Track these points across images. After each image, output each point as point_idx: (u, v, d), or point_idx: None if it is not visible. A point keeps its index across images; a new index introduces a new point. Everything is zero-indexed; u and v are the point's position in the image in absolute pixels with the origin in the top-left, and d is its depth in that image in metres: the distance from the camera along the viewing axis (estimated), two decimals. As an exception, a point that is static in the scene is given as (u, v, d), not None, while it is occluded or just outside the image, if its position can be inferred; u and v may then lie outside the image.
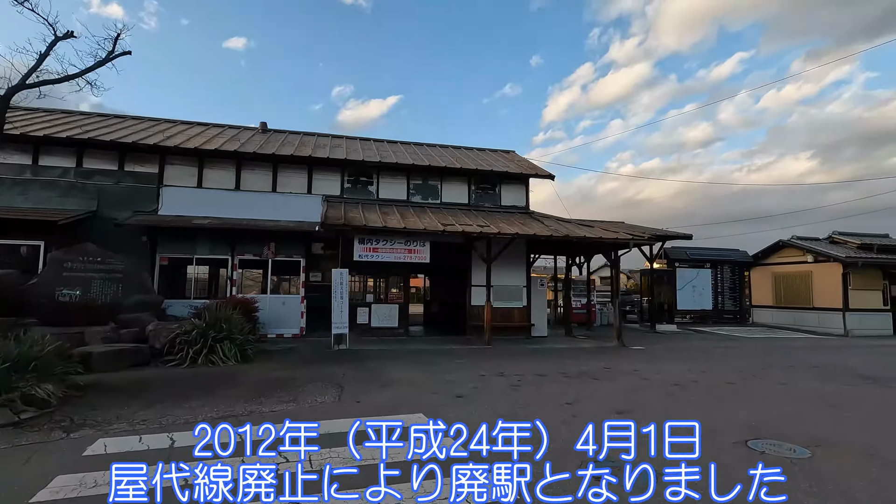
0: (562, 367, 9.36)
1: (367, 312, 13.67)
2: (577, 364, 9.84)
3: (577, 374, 8.69)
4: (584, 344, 13.57)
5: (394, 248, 12.21)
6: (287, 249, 13.37)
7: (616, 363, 10.10)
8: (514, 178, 15.22)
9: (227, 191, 13.24)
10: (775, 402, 6.81)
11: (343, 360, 9.66)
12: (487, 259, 12.66)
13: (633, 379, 8.29)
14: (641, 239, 13.04)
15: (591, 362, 10.13)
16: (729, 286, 22.69)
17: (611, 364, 9.93)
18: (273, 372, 8.16)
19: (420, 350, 11.44)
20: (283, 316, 13.15)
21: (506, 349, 11.99)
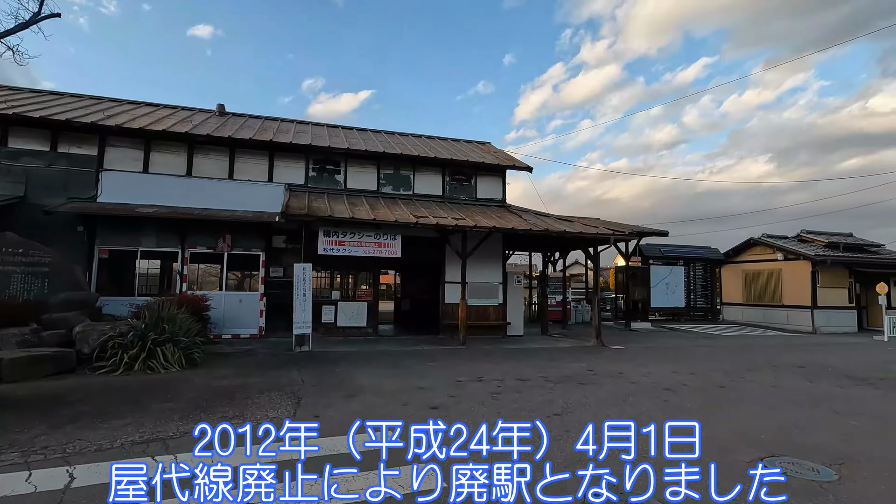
0: (543, 370, 8.70)
1: (332, 310, 12.72)
2: (558, 366, 9.21)
3: (560, 378, 8.03)
4: (562, 343, 13.01)
5: (362, 242, 11.30)
6: (245, 242, 12.26)
7: (599, 365, 9.52)
8: (490, 170, 14.51)
9: (177, 177, 12.01)
10: (772, 407, 6.31)
11: (304, 364, 8.72)
12: (463, 254, 11.91)
13: (620, 383, 7.70)
14: (622, 234, 12.56)
15: (573, 364, 9.53)
16: (701, 283, 22.71)
17: (594, 366, 9.34)
18: (222, 380, 7.16)
19: (390, 352, 10.59)
20: (239, 315, 12.05)
21: (482, 350, 11.28)
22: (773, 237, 21.65)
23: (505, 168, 14.55)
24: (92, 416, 5.09)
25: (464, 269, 11.95)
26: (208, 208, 11.73)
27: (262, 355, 9.71)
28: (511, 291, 14.33)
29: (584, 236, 12.23)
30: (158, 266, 13.13)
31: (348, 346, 11.12)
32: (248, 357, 9.45)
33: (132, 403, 5.66)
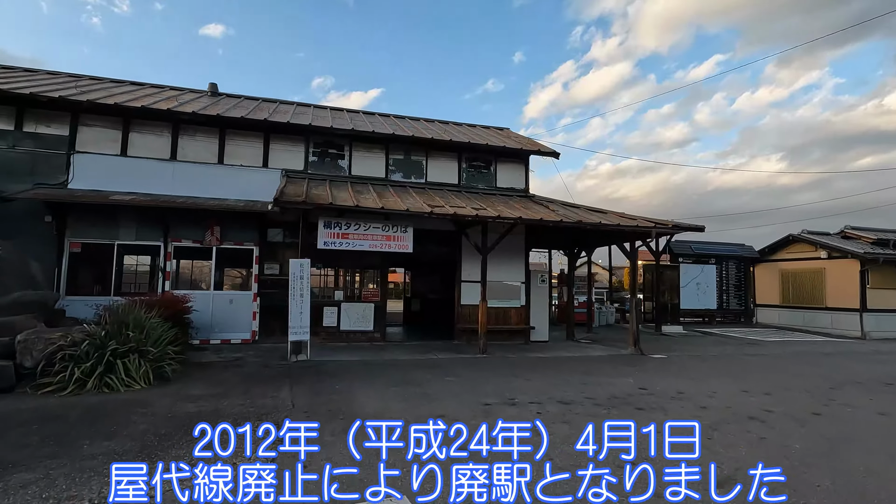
0: (585, 389, 7.18)
1: (335, 313, 11.27)
2: (601, 382, 7.69)
3: (610, 399, 6.51)
4: (593, 351, 11.47)
5: (368, 235, 9.83)
6: (236, 235, 10.84)
7: (647, 380, 7.98)
8: (512, 156, 12.98)
9: (159, 161, 10.62)
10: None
11: (298, 379, 7.28)
12: (483, 249, 10.40)
13: (687, 408, 6.16)
14: (665, 227, 10.99)
15: (618, 379, 8.00)
16: (734, 283, 21.03)
17: (643, 382, 7.80)
18: (191, 402, 5.73)
19: (400, 362, 9.13)
20: (230, 317, 10.64)
21: (505, 360, 9.79)
22: (814, 233, 19.89)
23: (528, 153, 13.02)
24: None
25: (484, 267, 10.45)
26: (194, 197, 10.33)
27: (251, 366, 8.28)
28: (534, 292, 12.81)
29: (623, 229, 10.67)
30: (148, 263, 11.75)
31: (352, 355, 9.67)
32: (234, 369, 8.02)
33: (58, 443, 4.23)
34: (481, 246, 10.40)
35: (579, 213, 11.28)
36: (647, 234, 10.96)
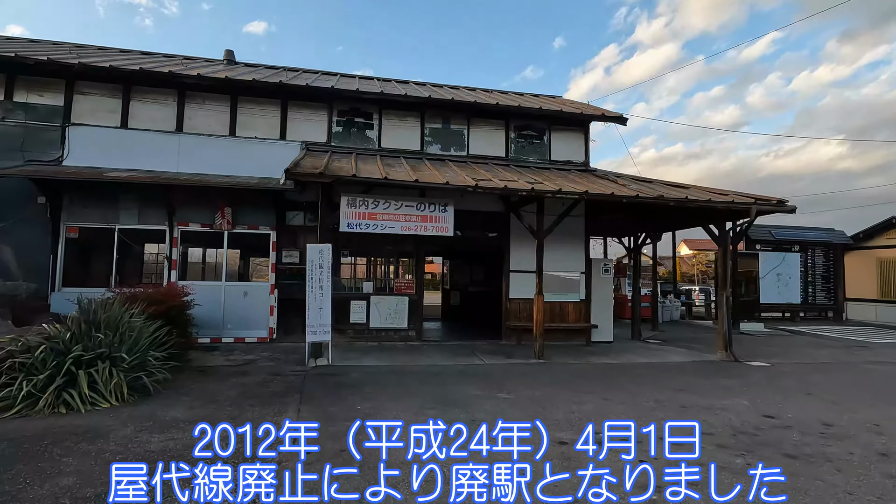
0: (688, 413, 5.27)
1: (363, 307, 9.72)
2: (705, 404, 5.74)
3: (733, 434, 4.60)
4: (671, 356, 9.43)
5: (400, 215, 8.17)
6: (251, 218, 9.43)
7: (768, 401, 5.96)
8: (568, 123, 10.98)
9: (163, 133, 9.30)
10: None
11: (311, 394, 5.72)
12: (538, 232, 8.55)
13: (857, 455, 4.18)
14: (768, 204, 8.76)
15: (726, 400, 6.03)
16: (822, 274, 18.21)
17: (763, 404, 5.79)
18: (159, 433, 4.24)
19: (438, 369, 7.45)
20: (244, 312, 9.27)
21: (567, 367, 7.95)
22: (925, 215, 16.84)
23: (588, 120, 10.98)
24: None
25: (540, 253, 8.59)
26: (203, 174, 8.96)
27: (260, 373, 6.81)
28: (596, 284, 10.85)
29: (714, 206, 8.54)
30: (154, 250, 10.54)
31: (382, 358, 8.08)
32: (238, 378, 6.56)
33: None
34: (536, 228, 8.54)
35: (656, 187, 9.22)
36: (744, 213, 8.78)
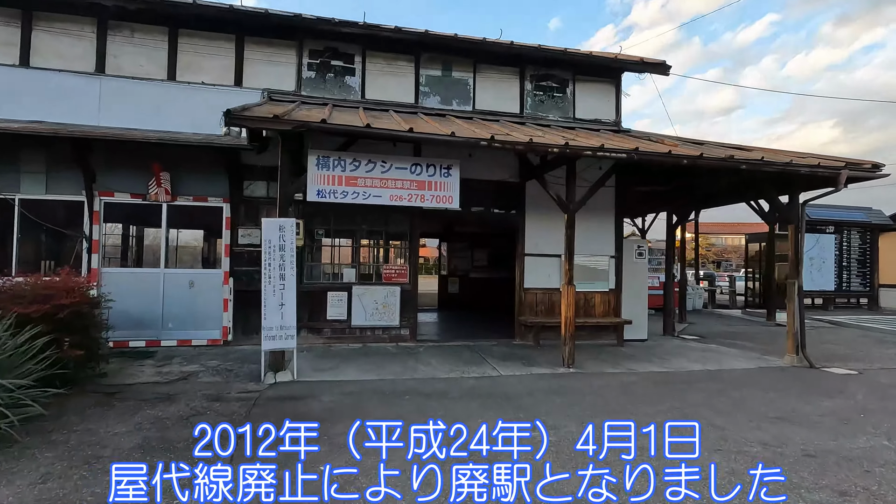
0: (820, 463, 3.40)
1: (343, 301, 7.75)
2: (841, 451, 3.88)
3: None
4: (726, 358, 7.58)
5: (388, 179, 6.14)
6: (197, 187, 7.36)
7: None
8: (597, 72, 8.92)
9: (79, 75, 7.12)
10: None
11: (255, 443, 3.74)
12: (569, 202, 6.57)
13: None
14: (861, 169, 6.84)
15: (860, 440, 4.18)
16: (857, 258, 16.47)
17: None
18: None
19: (441, 386, 5.51)
20: (190, 307, 7.27)
21: (609, 381, 6.06)
22: (978, 192, 15.07)
23: (621, 68, 8.91)
24: None
25: (571, 232, 6.62)
26: (132, 128, 6.83)
27: (190, 399, 4.83)
28: (629, 270, 8.95)
29: (797, 170, 6.58)
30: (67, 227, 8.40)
31: (366, 369, 6.13)
32: (154, 408, 4.57)
33: None
34: (567, 198, 6.55)
35: (713, 149, 7.24)
36: (832, 180, 6.84)
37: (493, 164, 8.02)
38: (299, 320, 7.47)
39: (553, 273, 8.48)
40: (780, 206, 7.57)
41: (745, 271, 15.08)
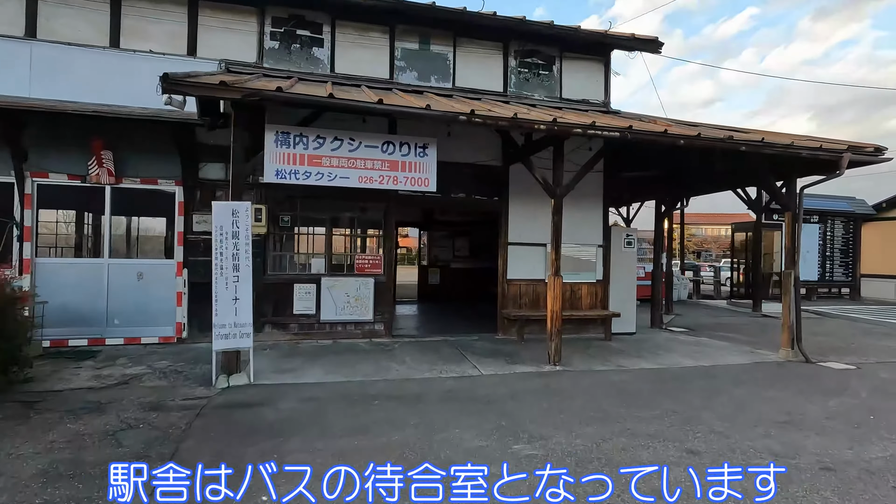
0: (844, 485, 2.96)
1: (312, 294, 7.12)
2: (859, 462, 3.45)
3: None
4: (721, 354, 7.19)
5: (357, 159, 5.51)
6: (145, 168, 6.62)
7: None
8: (586, 49, 8.36)
9: (6, 39, 6.27)
10: None
11: (184, 464, 3.13)
12: (555, 189, 6.03)
13: None
14: (864, 153, 6.44)
15: (876, 447, 3.77)
16: (840, 248, 16.42)
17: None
18: None
19: (415, 389, 4.96)
20: (139, 302, 6.56)
21: (600, 380, 5.59)
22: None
23: (611, 45, 8.36)
24: None
25: (558, 218, 6.09)
26: (68, 101, 6.03)
27: (125, 410, 4.19)
28: (617, 260, 8.50)
29: (798, 153, 6.15)
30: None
31: (331, 369, 5.54)
32: (78, 420, 3.92)
33: None
34: (553, 182, 6.02)
35: (711, 130, 6.77)
36: (833, 165, 6.44)
37: (474, 146, 7.44)
38: (262, 315, 6.88)
39: (538, 263, 7.97)
40: (777, 193, 7.17)
41: (730, 261, 14.85)
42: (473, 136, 6.99)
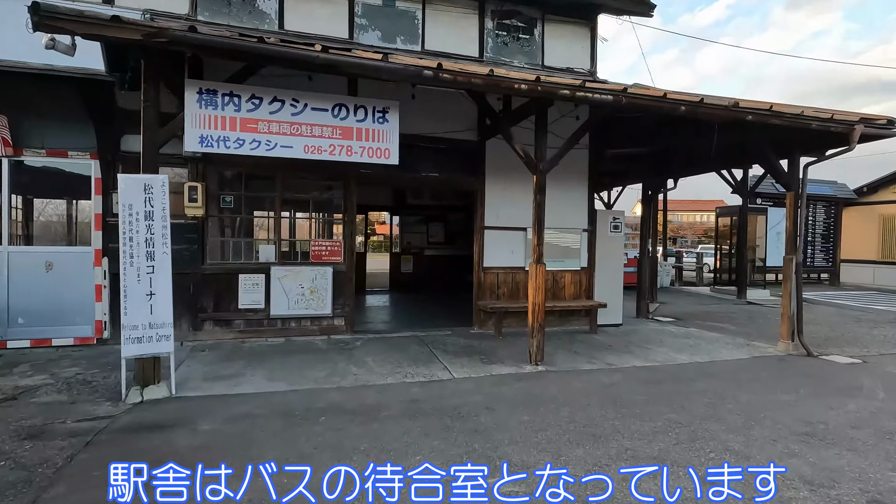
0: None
1: (260, 285, 6.20)
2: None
3: None
4: (716, 348, 6.58)
5: (303, 124, 4.58)
6: (53, 137, 5.55)
7: None
8: (570, 12, 7.52)
9: None
10: None
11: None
12: (538, 164, 5.22)
13: None
14: (875, 125, 5.81)
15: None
16: (821, 233, 16.17)
17: None
18: None
19: (372, 398, 4.13)
20: (49, 297, 5.55)
21: (587, 383, 4.86)
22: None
23: (597, 8, 7.53)
24: None
25: (541, 197, 5.30)
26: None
27: (3, 436, 3.26)
28: (603, 246, 7.80)
29: (807, 124, 5.49)
30: None
31: (278, 373, 4.67)
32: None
33: None
34: (535, 156, 5.21)
35: (712, 97, 6.04)
36: (843, 138, 5.80)
37: (445, 117, 6.58)
38: (202, 310, 5.95)
39: (517, 249, 7.21)
40: (778, 171, 6.53)
41: (714, 247, 14.36)
42: (445, 103, 6.11)
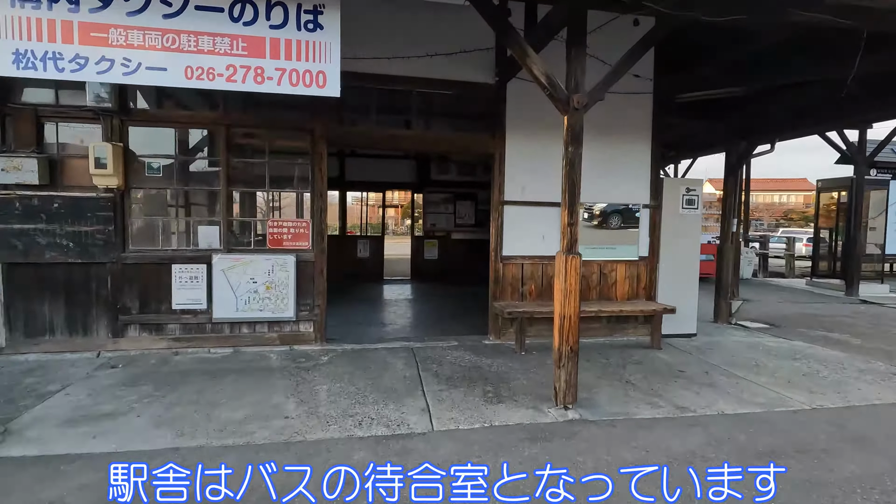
0: None
1: (201, 280, 4.71)
2: None
3: None
4: (855, 380, 4.40)
5: (182, 32, 2.88)
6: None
7: None
8: None
9: None
10: None
11: None
12: (570, 97, 3.28)
13: None
14: None
15: None
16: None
17: None
18: None
19: (283, 473, 2.47)
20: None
21: (640, 447, 2.93)
22: None
23: None
24: None
25: (573, 153, 3.36)
26: None
27: None
28: (670, 226, 5.70)
29: None
30: None
31: (174, 413, 3.12)
32: None
33: None
34: (565, 85, 3.28)
35: None
36: None
37: (449, 48, 4.72)
38: (123, 312, 4.55)
39: (549, 232, 5.29)
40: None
41: (814, 230, 11.52)
42: (449, 26, 4.27)
